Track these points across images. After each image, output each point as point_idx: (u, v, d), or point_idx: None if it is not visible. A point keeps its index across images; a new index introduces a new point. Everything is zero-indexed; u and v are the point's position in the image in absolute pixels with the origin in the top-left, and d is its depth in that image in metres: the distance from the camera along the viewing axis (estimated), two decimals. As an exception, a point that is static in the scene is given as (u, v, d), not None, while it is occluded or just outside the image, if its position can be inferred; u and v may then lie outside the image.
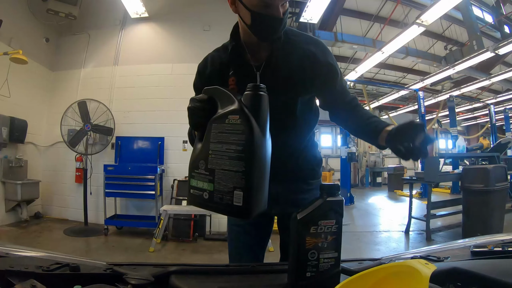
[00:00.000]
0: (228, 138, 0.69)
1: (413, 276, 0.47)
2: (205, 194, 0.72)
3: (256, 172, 0.69)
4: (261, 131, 0.69)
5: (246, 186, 0.67)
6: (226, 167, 0.69)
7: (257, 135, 0.68)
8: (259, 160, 0.69)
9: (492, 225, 3.67)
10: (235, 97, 0.72)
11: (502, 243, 0.84)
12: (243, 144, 0.67)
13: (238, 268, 0.81)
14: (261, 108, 0.71)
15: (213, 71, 1.06)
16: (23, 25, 4.64)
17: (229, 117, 0.70)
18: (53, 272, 0.62)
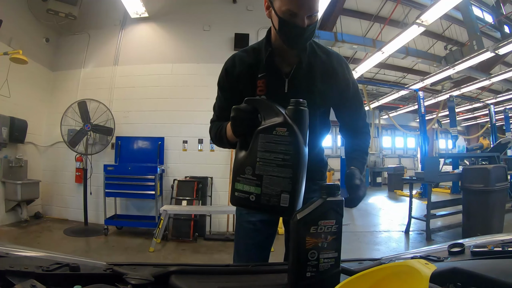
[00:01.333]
0: (276, 148, 0.78)
1: (413, 276, 0.47)
2: (251, 197, 0.80)
3: (300, 178, 0.78)
4: (304, 142, 0.79)
5: (293, 190, 0.77)
6: (274, 174, 0.78)
7: (301, 146, 0.78)
8: (303, 167, 0.79)
9: (492, 225, 3.67)
10: (281, 111, 0.80)
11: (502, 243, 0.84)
12: (291, 154, 0.77)
13: (238, 268, 0.81)
14: (304, 122, 0.80)
15: (242, 72, 1.09)
16: (23, 25, 4.64)
17: (276, 129, 0.78)
18: (53, 272, 0.62)
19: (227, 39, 5.03)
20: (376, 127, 13.28)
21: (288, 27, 0.95)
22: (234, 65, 1.12)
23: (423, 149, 8.82)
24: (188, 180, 4.44)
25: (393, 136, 15.10)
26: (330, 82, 1.07)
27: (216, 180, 4.60)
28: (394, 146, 15.15)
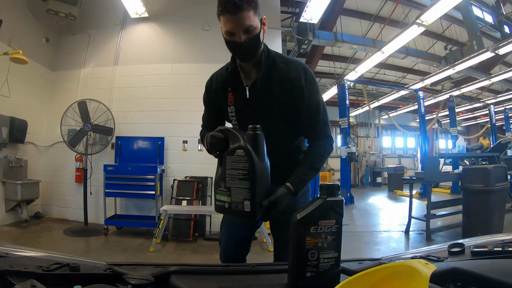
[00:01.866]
0: (238, 165, 0.99)
1: (413, 276, 0.47)
2: (226, 204, 1.03)
3: (257, 188, 0.97)
4: (259, 159, 0.98)
5: (252, 198, 0.97)
6: (238, 186, 0.99)
7: (256, 162, 0.97)
8: (259, 179, 0.97)
9: (492, 225, 3.67)
10: (240, 136, 1.00)
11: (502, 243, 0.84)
12: (248, 170, 0.97)
13: (238, 268, 0.81)
14: (258, 143, 0.98)
15: (217, 88, 1.27)
16: (23, 25, 4.64)
17: (236, 151, 0.99)
18: (53, 272, 0.62)
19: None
20: (376, 127, 13.27)
21: (230, 45, 1.12)
22: (211, 83, 1.30)
23: (423, 149, 8.83)
24: (188, 180, 4.44)
25: (393, 136, 15.10)
26: (286, 90, 1.15)
27: (216, 180, 4.59)
28: (394, 146, 15.15)
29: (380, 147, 14.05)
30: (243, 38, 1.07)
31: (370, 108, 10.05)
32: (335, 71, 9.69)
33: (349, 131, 7.33)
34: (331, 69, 9.70)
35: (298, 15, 5.66)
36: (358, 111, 12.42)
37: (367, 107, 10.72)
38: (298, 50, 6.53)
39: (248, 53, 1.13)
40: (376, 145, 13.83)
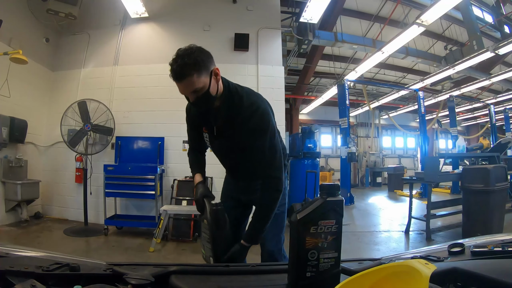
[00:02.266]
0: (205, 231, 1.32)
1: (413, 276, 0.47)
2: (203, 255, 1.37)
3: (216, 250, 1.27)
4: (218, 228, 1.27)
5: (214, 255, 1.27)
6: (206, 245, 1.32)
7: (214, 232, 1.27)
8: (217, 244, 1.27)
9: (492, 225, 3.67)
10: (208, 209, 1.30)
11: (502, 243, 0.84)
12: (209, 235, 1.28)
13: (238, 268, 0.81)
14: (217, 216, 1.28)
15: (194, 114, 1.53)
16: (23, 25, 4.63)
17: (204, 220, 1.33)
18: (53, 272, 0.62)
19: (227, 39, 5.03)
20: (376, 127, 13.27)
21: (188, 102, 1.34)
22: (190, 108, 1.53)
23: (423, 149, 8.83)
24: (188, 180, 4.44)
25: (393, 136, 15.10)
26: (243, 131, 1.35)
27: (216, 180, 4.59)
28: (394, 146, 15.15)
29: (380, 147, 14.05)
30: (192, 98, 1.25)
31: (370, 108, 10.04)
32: (335, 71, 9.69)
33: (349, 131, 7.33)
34: (331, 69, 9.70)
35: (298, 15, 5.66)
36: (358, 111, 12.43)
37: (367, 107, 10.72)
38: (298, 50, 6.53)
39: (201, 107, 1.32)
40: (376, 145, 13.83)
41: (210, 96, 1.26)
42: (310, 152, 5.74)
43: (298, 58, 8.58)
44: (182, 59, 1.17)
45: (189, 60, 1.17)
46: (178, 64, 1.17)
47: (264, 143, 1.34)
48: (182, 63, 1.17)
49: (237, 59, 5.00)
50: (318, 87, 11.42)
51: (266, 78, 4.96)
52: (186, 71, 1.17)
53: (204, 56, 1.21)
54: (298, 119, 12.21)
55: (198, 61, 1.18)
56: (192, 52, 1.19)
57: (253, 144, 1.35)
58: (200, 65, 1.19)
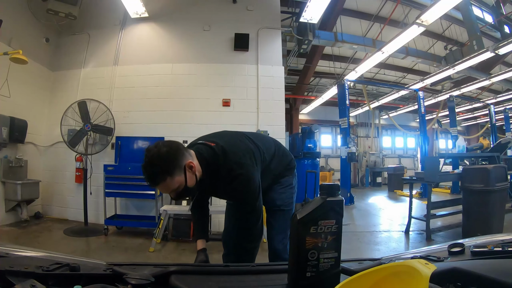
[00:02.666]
0: None
1: (413, 276, 0.47)
2: None
3: None
4: None
5: None
6: None
7: None
8: None
9: (492, 225, 3.67)
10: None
11: (502, 243, 0.84)
12: None
13: (238, 268, 0.81)
14: None
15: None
16: (23, 25, 4.63)
17: None
18: (53, 272, 0.62)
19: (227, 39, 5.03)
20: (376, 127, 13.27)
21: None
22: None
23: (423, 149, 8.82)
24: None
25: (393, 136, 15.09)
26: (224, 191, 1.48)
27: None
28: (394, 146, 15.15)
29: (380, 147, 14.05)
30: (172, 195, 1.30)
31: (370, 108, 10.04)
32: (335, 71, 9.69)
33: (349, 131, 7.33)
34: (331, 69, 9.70)
35: (298, 15, 5.66)
36: (358, 111, 12.43)
37: (367, 107, 10.72)
38: (298, 50, 6.53)
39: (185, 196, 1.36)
40: (376, 145, 13.82)
41: (189, 189, 1.30)
42: (310, 152, 5.75)
43: (298, 58, 8.58)
44: (151, 167, 1.19)
45: (157, 169, 1.19)
46: (148, 173, 1.20)
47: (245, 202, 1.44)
48: (151, 172, 1.19)
49: (237, 59, 5.00)
50: (318, 87, 11.42)
51: (266, 78, 4.96)
52: (158, 179, 1.20)
53: (172, 158, 1.22)
54: (298, 119, 12.21)
55: (167, 166, 1.20)
56: (159, 157, 1.19)
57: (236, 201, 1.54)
58: (170, 169, 1.20)
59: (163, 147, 1.21)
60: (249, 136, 1.62)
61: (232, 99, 4.85)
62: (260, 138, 1.66)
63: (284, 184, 1.70)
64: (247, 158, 1.44)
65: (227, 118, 4.77)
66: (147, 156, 1.20)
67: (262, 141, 1.63)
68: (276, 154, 1.65)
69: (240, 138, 1.57)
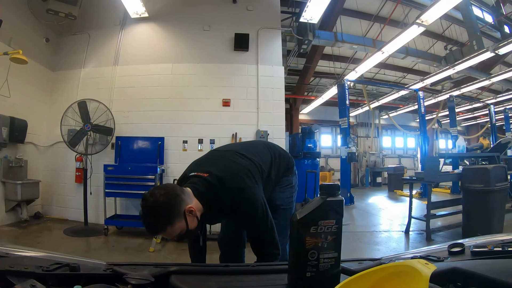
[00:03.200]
0: None
1: (413, 276, 0.47)
2: None
3: None
4: None
5: None
6: None
7: None
8: None
9: (492, 225, 3.67)
10: None
11: (502, 243, 0.84)
12: None
13: (238, 268, 0.81)
14: None
15: None
16: (23, 25, 4.63)
17: None
18: (53, 272, 0.62)
19: (227, 39, 5.03)
20: (376, 127, 13.27)
21: None
22: None
23: (423, 149, 8.83)
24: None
25: (393, 136, 15.09)
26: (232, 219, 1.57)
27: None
28: (394, 146, 15.14)
29: (380, 147, 14.05)
30: (175, 239, 1.27)
31: (370, 108, 10.04)
32: (335, 71, 9.69)
33: (349, 131, 7.33)
34: (331, 69, 9.70)
35: (298, 15, 5.66)
36: (358, 111, 12.43)
37: (367, 107, 10.72)
38: (298, 50, 6.53)
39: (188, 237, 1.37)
40: (376, 145, 13.82)
41: (191, 231, 1.27)
42: (310, 152, 5.75)
43: (298, 58, 8.58)
44: (149, 218, 1.16)
45: (156, 220, 1.17)
46: (147, 224, 1.17)
47: (256, 226, 1.38)
48: (150, 223, 1.17)
49: (237, 59, 5.01)
50: (318, 87, 11.42)
51: (266, 78, 4.96)
52: (158, 229, 1.19)
53: (169, 207, 1.17)
54: (298, 119, 12.21)
55: (166, 216, 1.17)
56: (157, 208, 1.15)
57: (246, 227, 1.47)
58: (169, 218, 1.17)
59: (159, 196, 1.16)
60: (239, 152, 1.54)
61: (232, 99, 4.85)
62: (252, 150, 1.59)
63: (284, 183, 1.70)
64: (245, 180, 1.38)
65: (227, 118, 4.77)
66: (144, 207, 1.17)
67: (256, 153, 1.57)
68: (273, 161, 1.62)
69: (231, 158, 1.49)
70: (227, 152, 1.59)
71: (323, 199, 0.66)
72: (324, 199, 0.66)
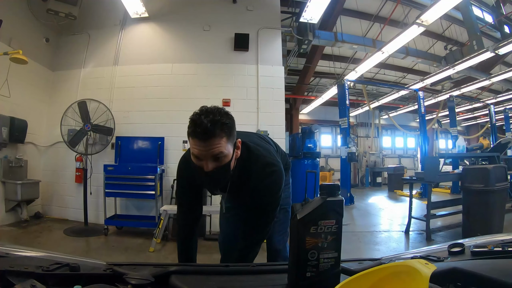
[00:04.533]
0: None
1: (413, 276, 0.47)
2: None
3: None
4: None
5: None
6: None
7: None
8: None
9: (492, 225, 3.67)
10: None
11: (502, 243, 0.84)
12: None
13: (238, 268, 0.81)
14: None
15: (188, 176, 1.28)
16: (23, 25, 4.63)
17: None
18: (53, 272, 0.62)
19: (227, 39, 5.03)
20: (376, 127, 13.27)
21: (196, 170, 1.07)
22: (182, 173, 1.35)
23: (423, 149, 8.83)
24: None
25: (393, 136, 15.09)
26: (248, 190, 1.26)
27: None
28: (394, 146, 15.14)
29: (380, 147, 14.05)
30: (210, 166, 1.03)
31: (370, 108, 10.04)
32: (335, 71, 9.69)
33: (349, 131, 7.33)
34: (331, 69, 9.70)
35: (298, 15, 5.65)
36: (358, 111, 12.43)
37: (367, 107, 10.72)
38: (298, 50, 6.53)
39: (214, 184, 1.13)
40: (376, 145, 13.82)
41: (228, 170, 1.10)
42: (310, 152, 5.74)
43: (298, 58, 8.58)
44: (213, 114, 1.00)
45: (222, 119, 1.01)
46: (209, 119, 0.98)
47: (271, 202, 1.28)
48: (214, 119, 0.99)
49: (237, 59, 5.01)
50: (318, 87, 11.42)
51: (266, 78, 4.96)
52: (217, 129, 0.99)
53: (233, 123, 1.07)
54: (298, 119, 12.21)
55: (230, 124, 1.04)
56: (223, 112, 1.03)
57: (262, 202, 1.27)
58: (231, 130, 1.05)
59: (223, 109, 1.04)
60: (261, 136, 1.57)
61: (232, 99, 4.85)
62: (265, 138, 1.62)
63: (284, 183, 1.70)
64: (277, 158, 1.35)
65: (227, 118, 4.77)
66: (203, 108, 1.02)
67: (268, 142, 1.59)
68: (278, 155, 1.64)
69: (259, 137, 1.51)
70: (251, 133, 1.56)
71: (323, 199, 0.66)
72: (324, 199, 0.66)
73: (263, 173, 1.23)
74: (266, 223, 1.31)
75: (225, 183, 1.16)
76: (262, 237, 1.34)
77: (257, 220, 1.30)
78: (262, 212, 1.29)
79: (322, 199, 0.66)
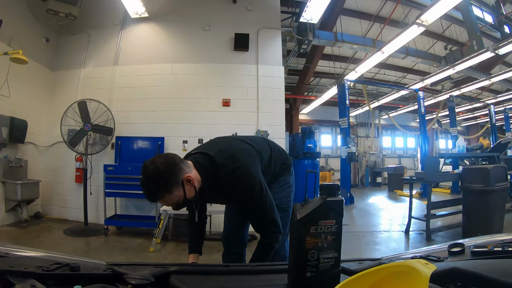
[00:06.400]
0: None
1: (413, 276, 0.47)
2: None
3: None
4: None
5: None
6: None
7: None
8: None
9: (492, 225, 3.67)
10: None
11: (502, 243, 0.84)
12: None
13: (238, 268, 0.81)
14: None
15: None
16: (23, 25, 4.63)
17: None
18: (53, 272, 0.62)
19: (227, 39, 5.03)
20: (376, 127, 13.27)
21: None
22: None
23: (423, 149, 8.83)
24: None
25: (393, 136, 15.09)
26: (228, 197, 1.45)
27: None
28: (394, 146, 15.14)
29: (380, 147, 14.05)
30: (173, 207, 1.30)
31: (370, 108, 10.04)
32: (335, 71, 9.69)
33: (349, 131, 7.33)
34: (331, 69, 9.70)
35: (298, 15, 5.66)
36: (358, 111, 12.43)
37: (367, 107, 10.72)
38: (298, 50, 6.53)
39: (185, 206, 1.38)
40: (376, 145, 13.82)
41: (189, 201, 1.31)
42: (310, 152, 5.74)
43: (298, 58, 8.58)
44: (148, 184, 1.19)
45: (155, 187, 1.19)
46: (146, 190, 1.20)
47: (254, 203, 1.39)
48: (149, 189, 1.20)
49: (237, 59, 5.01)
50: (318, 87, 11.42)
51: (266, 78, 4.96)
52: (156, 196, 1.21)
53: (169, 174, 1.21)
54: (298, 119, 12.21)
55: (164, 183, 1.19)
56: (156, 174, 1.18)
57: (245, 205, 1.45)
58: (167, 185, 1.20)
59: (159, 164, 1.20)
60: (241, 138, 1.64)
61: (232, 99, 4.85)
62: (254, 139, 1.67)
63: (281, 182, 1.72)
64: (245, 158, 1.43)
65: (227, 118, 4.77)
66: (144, 174, 1.20)
67: (255, 141, 1.64)
68: (272, 154, 1.67)
69: (233, 141, 1.58)
70: (229, 137, 1.70)
71: (323, 199, 0.66)
72: (324, 199, 0.66)
73: (231, 179, 1.36)
74: (261, 210, 1.42)
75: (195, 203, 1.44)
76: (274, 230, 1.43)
77: (252, 214, 1.47)
78: (253, 210, 1.43)
79: (322, 199, 0.66)
